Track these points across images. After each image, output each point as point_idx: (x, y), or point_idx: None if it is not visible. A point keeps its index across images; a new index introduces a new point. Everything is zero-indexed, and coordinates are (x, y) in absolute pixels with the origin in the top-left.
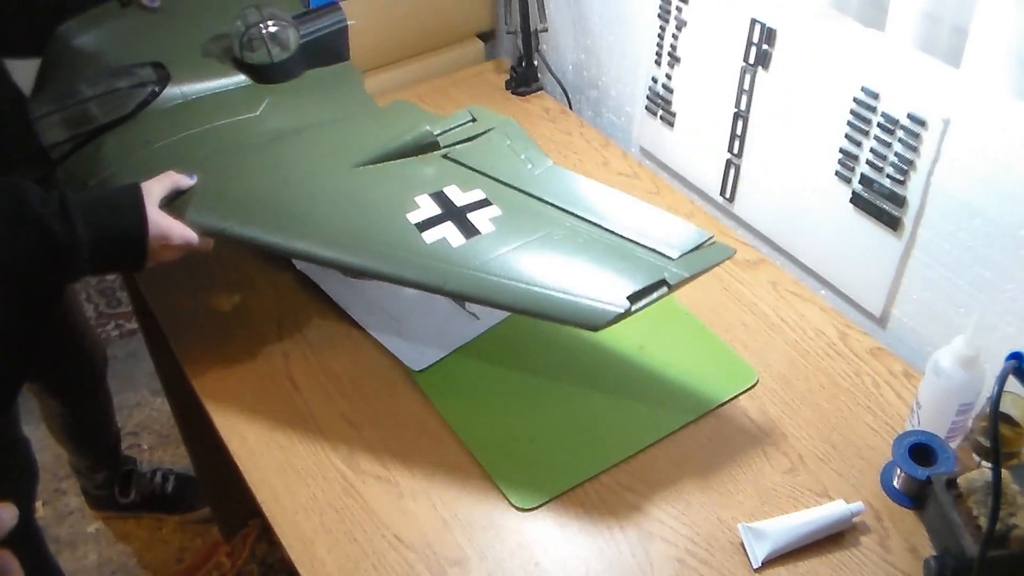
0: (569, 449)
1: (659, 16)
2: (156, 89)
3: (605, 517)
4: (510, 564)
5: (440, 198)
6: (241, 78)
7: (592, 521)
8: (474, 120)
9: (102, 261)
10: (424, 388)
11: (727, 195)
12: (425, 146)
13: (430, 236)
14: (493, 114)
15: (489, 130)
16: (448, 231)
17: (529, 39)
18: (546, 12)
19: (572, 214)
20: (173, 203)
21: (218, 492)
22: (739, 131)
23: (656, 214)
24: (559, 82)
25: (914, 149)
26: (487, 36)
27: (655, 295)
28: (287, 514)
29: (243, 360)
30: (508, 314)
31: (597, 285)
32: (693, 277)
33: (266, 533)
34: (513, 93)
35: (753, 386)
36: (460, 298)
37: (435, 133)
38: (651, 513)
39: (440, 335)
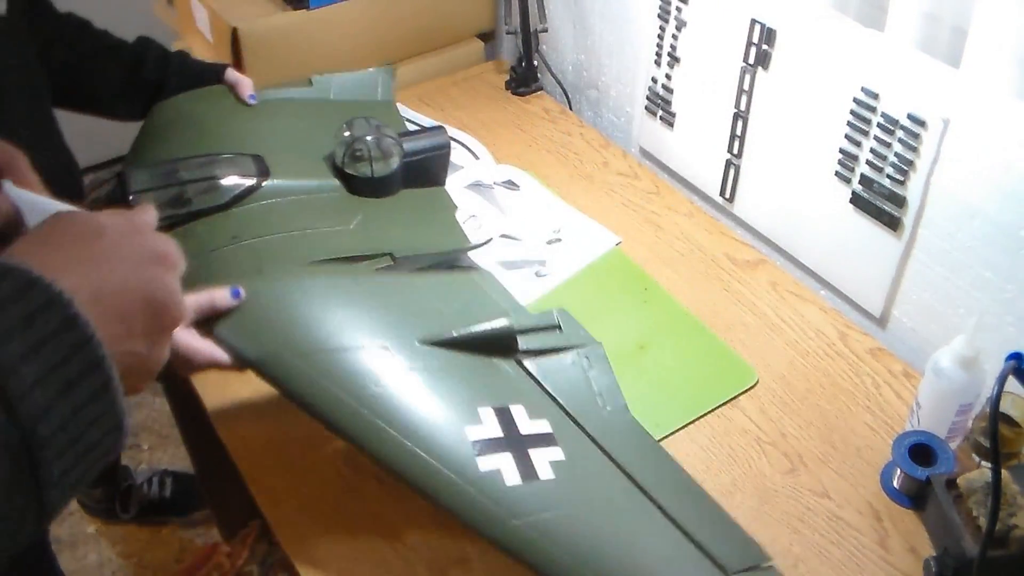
0: None
1: (659, 16)
2: (254, 183)
3: None
4: (511, 563)
5: (504, 416)
6: (335, 183)
7: None
8: (560, 328)
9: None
10: None
11: (727, 195)
12: (501, 341)
13: (485, 464)
14: (580, 328)
15: (571, 348)
16: (504, 463)
17: (529, 39)
18: (546, 12)
19: (634, 481)
20: (209, 322)
21: (218, 492)
22: (739, 131)
23: (719, 515)
24: (559, 82)
25: (914, 149)
26: (487, 36)
27: None
28: (287, 514)
29: None
30: None
31: None
32: None
33: (266, 533)
34: (513, 94)
35: (753, 386)
36: (496, 547)
37: (515, 329)
38: None
39: None
